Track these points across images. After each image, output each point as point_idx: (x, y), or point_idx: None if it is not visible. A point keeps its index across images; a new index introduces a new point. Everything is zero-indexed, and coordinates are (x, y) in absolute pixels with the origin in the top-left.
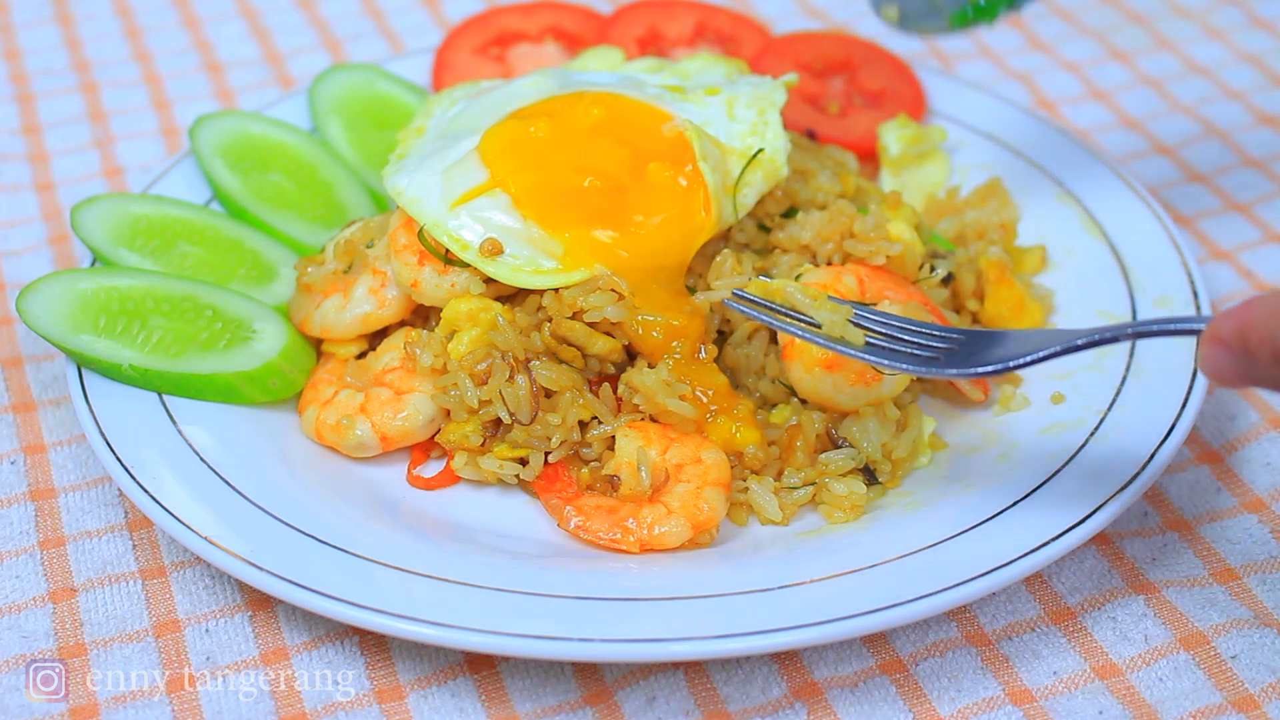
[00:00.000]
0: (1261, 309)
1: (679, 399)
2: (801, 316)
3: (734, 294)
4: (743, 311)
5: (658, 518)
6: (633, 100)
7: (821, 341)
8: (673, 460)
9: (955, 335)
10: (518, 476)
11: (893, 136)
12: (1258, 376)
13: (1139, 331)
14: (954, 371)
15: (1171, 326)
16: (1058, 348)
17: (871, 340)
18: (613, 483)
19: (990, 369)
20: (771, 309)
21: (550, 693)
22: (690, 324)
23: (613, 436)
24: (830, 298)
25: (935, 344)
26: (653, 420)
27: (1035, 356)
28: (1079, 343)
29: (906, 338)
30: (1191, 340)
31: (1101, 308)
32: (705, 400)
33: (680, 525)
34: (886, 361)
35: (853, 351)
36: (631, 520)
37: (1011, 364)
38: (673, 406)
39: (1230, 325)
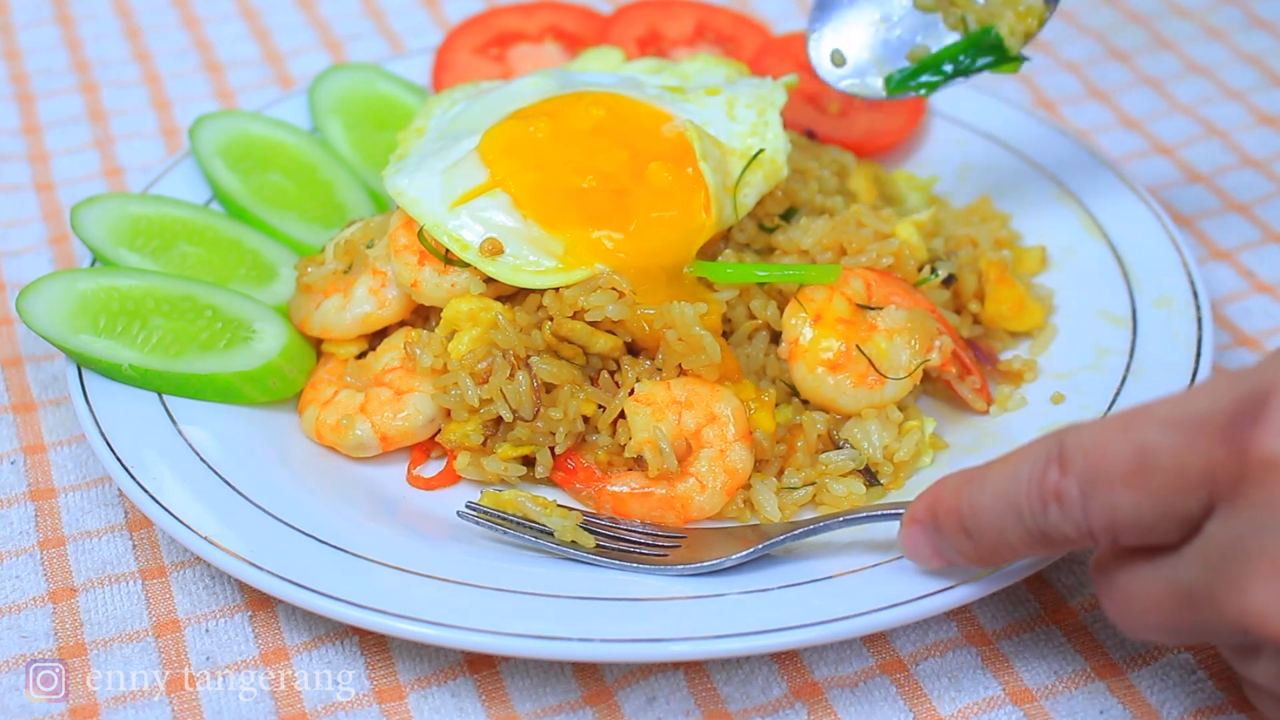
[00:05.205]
0: (948, 484)
1: (710, 338)
2: (534, 524)
3: (467, 505)
4: (477, 524)
5: (689, 489)
6: (633, 100)
7: (553, 548)
8: (689, 427)
9: (681, 536)
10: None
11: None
12: (949, 549)
13: (850, 519)
14: (678, 571)
15: (876, 514)
16: (778, 539)
17: (602, 545)
18: (640, 463)
19: (712, 565)
20: (504, 519)
21: (550, 693)
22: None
23: (621, 413)
24: (559, 504)
25: (662, 545)
26: (661, 386)
27: (754, 552)
28: (797, 533)
29: (634, 539)
30: (1193, 346)
31: (1101, 308)
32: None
33: (714, 494)
34: (617, 565)
35: (585, 556)
36: (664, 490)
37: (732, 560)
38: (705, 343)
39: (921, 504)
